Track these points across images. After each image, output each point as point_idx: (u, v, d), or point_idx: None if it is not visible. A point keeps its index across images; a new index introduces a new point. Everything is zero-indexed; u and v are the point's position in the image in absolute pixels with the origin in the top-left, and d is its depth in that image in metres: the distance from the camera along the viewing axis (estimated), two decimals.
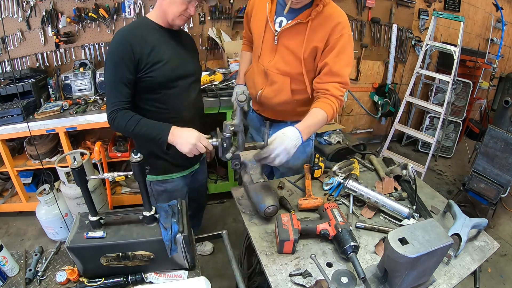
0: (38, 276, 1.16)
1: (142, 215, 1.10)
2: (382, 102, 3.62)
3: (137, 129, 1.33)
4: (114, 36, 1.36)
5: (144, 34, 1.35)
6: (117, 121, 1.34)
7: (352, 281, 1.07)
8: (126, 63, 1.30)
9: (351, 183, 1.41)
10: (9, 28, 2.46)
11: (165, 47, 1.40)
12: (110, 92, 1.35)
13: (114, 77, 1.33)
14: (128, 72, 1.32)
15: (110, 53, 1.34)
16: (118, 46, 1.31)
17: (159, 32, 1.41)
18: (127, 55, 1.30)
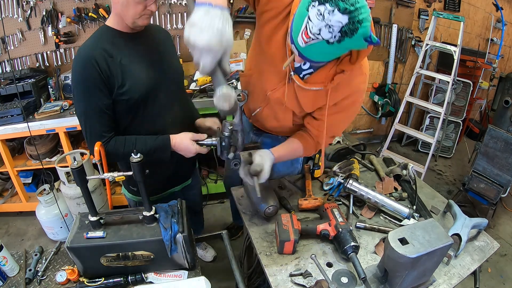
0: (38, 276, 1.16)
1: (142, 215, 1.10)
2: (382, 102, 3.62)
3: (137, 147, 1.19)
4: (75, 58, 1.17)
5: (107, 47, 1.16)
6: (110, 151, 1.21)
7: (352, 281, 1.07)
8: (98, 87, 1.14)
9: (352, 183, 1.41)
10: (9, 28, 2.46)
11: (134, 57, 1.22)
12: (89, 127, 1.19)
13: (89, 107, 1.16)
14: (104, 97, 1.16)
15: (76, 80, 1.16)
16: (83, 69, 1.14)
17: (123, 41, 1.21)
18: (97, 77, 1.13)
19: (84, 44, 1.20)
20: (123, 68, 1.18)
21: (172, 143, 1.29)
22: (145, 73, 1.24)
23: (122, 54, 1.19)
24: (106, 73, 1.14)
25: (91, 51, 1.14)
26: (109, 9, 2.50)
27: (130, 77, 1.19)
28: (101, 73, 1.13)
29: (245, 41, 2.85)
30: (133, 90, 1.20)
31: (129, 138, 1.25)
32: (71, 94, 2.48)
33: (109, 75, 1.15)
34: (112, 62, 1.16)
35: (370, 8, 1.48)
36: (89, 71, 1.12)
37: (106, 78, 1.15)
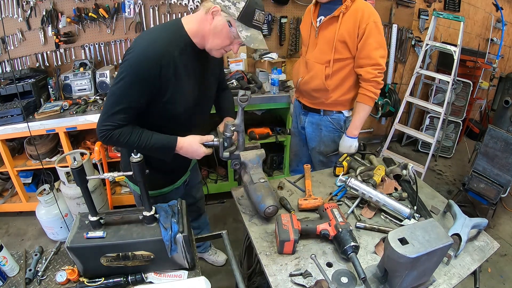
0: (38, 276, 1.16)
1: (142, 215, 1.10)
2: (382, 102, 3.62)
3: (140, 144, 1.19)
4: (142, 44, 1.13)
5: (177, 55, 1.16)
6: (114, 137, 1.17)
7: (352, 281, 1.07)
8: (144, 87, 1.13)
9: (353, 181, 1.41)
10: (9, 28, 2.46)
11: (190, 74, 1.24)
12: (112, 109, 1.14)
13: (124, 95, 1.13)
14: (143, 98, 1.15)
15: (133, 65, 1.11)
16: (145, 63, 1.10)
17: (191, 54, 1.22)
18: (151, 79, 1.12)
19: (161, 39, 1.16)
20: (179, 82, 1.19)
21: (179, 145, 1.28)
22: (192, 93, 1.27)
23: (184, 68, 1.19)
24: (162, 81, 1.14)
25: (163, 54, 1.12)
26: (109, 9, 2.50)
27: (180, 93, 1.21)
28: (159, 79, 1.13)
29: None
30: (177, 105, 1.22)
31: (136, 128, 1.21)
32: (71, 94, 2.49)
33: (163, 84, 1.15)
34: (174, 73, 1.16)
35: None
36: (150, 69, 1.11)
37: (158, 85, 1.14)
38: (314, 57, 1.76)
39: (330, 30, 1.66)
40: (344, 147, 1.82)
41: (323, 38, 1.70)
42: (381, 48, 1.63)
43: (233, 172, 2.81)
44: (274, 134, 2.82)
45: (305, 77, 1.82)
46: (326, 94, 1.78)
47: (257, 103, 2.55)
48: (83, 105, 2.34)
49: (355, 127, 1.77)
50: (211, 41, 1.18)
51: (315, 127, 1.93)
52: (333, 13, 1.62)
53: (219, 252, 2.34)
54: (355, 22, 1.59)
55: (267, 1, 2.83)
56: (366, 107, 1.72)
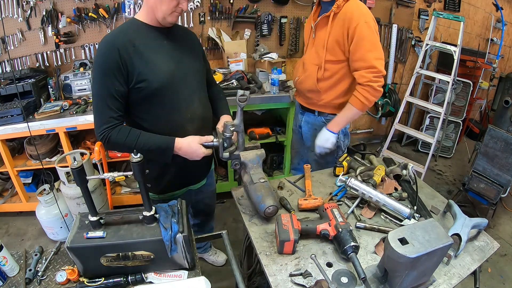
0: (38, 276, 1.16)
1: (142, 215, 1.10)
2: (382, 102, 3.62)
3: (138, 146, 1.21)
4: (100, 43, 1.23)
5: (132, 37, 1.22)
6: (113, 139, 1.21)
7: (352, 281, 1.07)
8: (114, 73, 1.18)
9: (353, 181, 1.41)
10: (9, 28, 2.46)
11: (157, 50, 1.28)
12: (99, 108, 1.21)
13: (102, 90, 1.19)
14: (118, 83, 1.19)
15: (96, 63, 1.21)
16: (104, 54, 1.19)
17: (149, 33, 1.28)
18: (115, 63, 1.17)
19: (111, 32, 1.27)
20: (144, 57, 1.22)
21: (177, 146, 1.28)
22: (166, 65, 1.28)
23: (145, 45, 1.24)
24: (126, 61, 1.18)
25: (115, 38, 1.20)
26: (109, 9, 2.50)
27: (150, 67, 1.23)
28: (121, 60, 1.17)
29: (245, 41, 2.85)
30: (150, 79, 1.23)
31: (134, 130, 1.25)
32: (71, 94, 2.49)
33: (128, 63, 1.19)
34: (134, 50, 1.20)
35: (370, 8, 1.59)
36: (110, 56, 1.17)
37: (125, 66, 1.18)
38: (310, 57, 1.76)
39: (323, 31, 1.64)
40: (320, 139, 1.75)
41: (318, 39, 1.69)
42: (376, 50, 1.53)
43: (233, 172, 2.81)
44: (274, 134, 2.82)
45: (301, 77, 1.82)
46: (318, 96, 1.77)
47: (257, 103, 2.56)
48: (83, 105, 2.34)
49: (337, 123, 1.71)
50: (160, 10, 1.22)
51: (310, 126, 1.93)
52: (326, 13, 1.60)
53: (219, 252, 2.33)
54: (344, 23, 1.53)
55: (267, 1, 2.83)
56: (353, 109, 1.64)
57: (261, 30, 2.90)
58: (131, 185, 2.70)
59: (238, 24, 2.86)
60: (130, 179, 2.65)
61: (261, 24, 2.88)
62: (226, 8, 2.75)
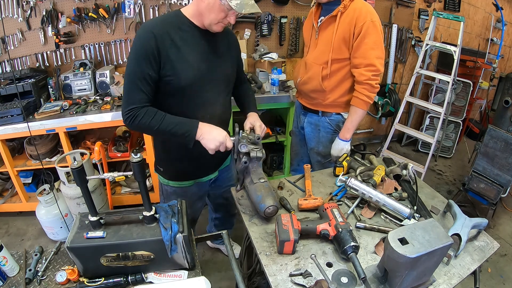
0: (38, 276, 1.16)
1: (142, 215, 1.10)
2: (382, 102, 3.62)
3: (162, 127, 1.25)
4: (140, 28, 1.29)
5: (172, 31, 1.25)
6: (139, 119, 1.23)
7: (352, 281, 1.07)
8: (149, 58, 1.21)
9: (353, 181, 1.41)
10: (9, 28, 2.46)
11: (193, 48, 1.30)
12: (129, 88, 1.24)
13: (135, 71, 1.23)
14: (151, 68, 1.22)
15: (133, 46, 1.24)
16: (142, 39, 1.22)
17: (190, 31, 1.30)
18: (150, 49, 1.20)
19: (152, 19, 1.34)
20: (179, 52, 1.26)
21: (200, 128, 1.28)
22: (197, 66, 1.31)
23: (183, 41, 1.27)
24: (160, 50, 1.22)
25: (156, 28, 1.23)
26: (109, 9, 2.50)
27: (181, 63, 1.27)
28: (156, 47, 1.21)
29: (245, 41, 2.85)
30: (179, 76, 1.27)
31: (160, 112, 1.27)
32: (71, 94, 2.49)
33: (162, 53, 1.22)
34: (171, 43, 1.24)
35: None
36: (146, 41, 1.21)
37: (158, 54, 1.22)
38: (313, 57, 1.76)
39: (329, 30, 1.66)
40: (335, 150, 1.79)
41: (322, 39, 1.70)
42: (378, 49, 1.58)
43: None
44: (274, 134, 2.82)
45: (304, 77, 1.82)
46: (324, 95, 1.78)
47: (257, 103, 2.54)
48: (83, 105, 2.34)
49: (347, 130, 1.75)
50: (207, 17, 1.25)
51: (314, 127, 1.93)
52: (332, 13, 1.62)
53: (236, 245, 2.32)
54: (351, 20, 1.56)
55: (267, 1, 2.83)
56: (359, 111, 1.69)
57: (261, 30, 2.90)
58: (131, 185, 2.70)
59: (238, 24, 2.86)
60: (130, 179, 2.65)
61: (261, 24, 2.88)
62: None
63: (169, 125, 1.26)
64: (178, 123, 1.28)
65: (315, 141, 1.95)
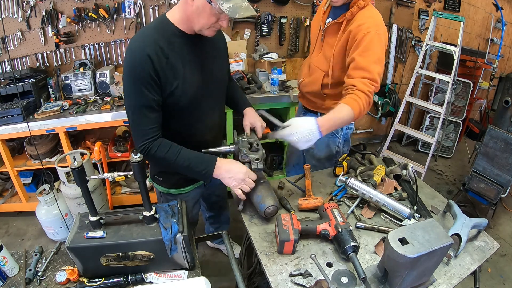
0: (38, 276, 1.16)
1: (142, 215, 1.10)
2: (382, 102, 3.62)
3: (178, 161, 1.21)
4: (130, 47, 1.14)
5: (164, 46, 1.14)
6: (153, 151, 1.19)
7: (352, 281, 1.07)
8: (150, 83, 1.12)
9: (353, 181, 1.41)
10: (9, 28, 2.46)
11: (188, 61, 1.22)
12: (136, 119, 1.18)
13: (138, 101, 1.14)
14: (154, 93, 1.15)
15: (128, 70, 1.14)
16: (135, 63, 1.11)
17: (182, 42, 1.20)
18: (148, 74, 1.11)
19: (141, 34, 1.17)
20: (176, 71, 1.17)
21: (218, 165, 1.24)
22: (196, 78, 1.24)
23: (178, 56, 1.18)
24: (159, 72, 1.13)
25: (147, 47, 1.11)
26: (109, 9, 2.50)
27: (181, 83, 1.19)
28: (154, 71, 1.12)
29: (245, 41, 2.85)
30: (182, 95, 1.21)
31: (175, 146, 1.22)
32: (71, 94, 2.49)
33: (161, 75, 1.14)
34: (167, 63, 1.15)
35: None
36: (142, 67, 1.10)
37: (158, 77, 1.13)
38: (317, 61, 1.69)
39: (333, 36, 1.56)
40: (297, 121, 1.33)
41: (327, 43, 1.61)
42: (380, 64, 1.41)
43: None
44: None
45: (306, 79, 1.78)
46: (322, 100, 1.74)
47: (257, 103, 2.55)
48: (83, 105, 2.34)
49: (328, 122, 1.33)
50: (197, 22, 1.14)
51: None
52: (337, 19, 1.50)
53: (236, 245, 2.35)
54: (355, 29, 1.42)
55: (267, 1, 2.83)
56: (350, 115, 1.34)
57: (261, 30, 2.90)
58: (131, 185, 2.70)
59: (238, 24, 2.86)
60: (130, 179, 2.65)
61: (261, 24, 2.88)
62: None
63: (185, 160, 1.22)
64: (195, 158, 1.24)
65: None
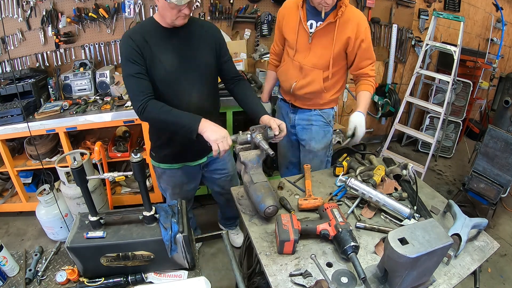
0: (38, 276, 1.16)
1: (142, 215, 1.10)
2: (382, 102, 3.62)
3: (169, 118, 1.41)
4: (122, 37, 1.48)
5: (145, 34, 1.44)
6: (148, 109, 1.40)
7: (352, 281, 1.07)
8: (136, 56, 1.41)
9: (353, 181, 1.41)
10: (9, 28, 2.46)
11: (164, 48, 1.47)
12: (128, 86, 1.45)
13: (129, 72, 1.42)
14: (138, 64, 1.42)
15: (120, 52, 1.48)
16: (124, 43, 1.44)
17: (160, 33, 1.47)
18: (133, 50, 1.41)
19: (132, 28, 1.57)
20: (152, 54, 1.44)
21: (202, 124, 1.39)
22: (170, 62, 1.48)
23: (155, 44, 1.45)
24: (140, 49, 1.42)
25: (132, 34, 1.45)
26: (109, 9, 2.51)
27: (155, 62, 1.45)
28: (136, 47, 1.41)
29: (245, 41, 2.85)
30: (154, 72, 1.46)
31: (167, 106, 1.42)
32: (71, 94, 2.50)
33: (142, 52, 1.42)
34: (145, 46, 1.43)
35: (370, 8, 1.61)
36: (126, 45, 1.42)
37: (139, 52, 1.42)
38: (310, 62, 1.73)
39: (327, 36, 1.66)
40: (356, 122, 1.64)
41: (319, 44, 1.69)
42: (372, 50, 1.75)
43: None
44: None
45: (300, 82, 1.78)
46: (322, 96, 1.81)
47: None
48: (83, 105, 2.34)
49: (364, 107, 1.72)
50: (166, 17, 1.41)
51: (306, 122, 1.92)
52: (329, 19, 1.61)
53: (241, 234, 2.41)
54: (354, 27, 1.62)
55: (267, 1, 2.83)
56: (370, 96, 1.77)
57: (261, 30, 2.90)
58: (131, 185, 2.70)
59: (238, 24, 2.86)
60: (130, 179, 2.65)
61: (261, 24, 2.88)
62: (226, 8, 2.74)
63: (175, 117, 1.41)
64: (183, 115, 1.42)
65: (307, 136, 1.94)
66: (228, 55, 1.67)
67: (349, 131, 1.65)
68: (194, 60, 1.54)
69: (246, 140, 1.42)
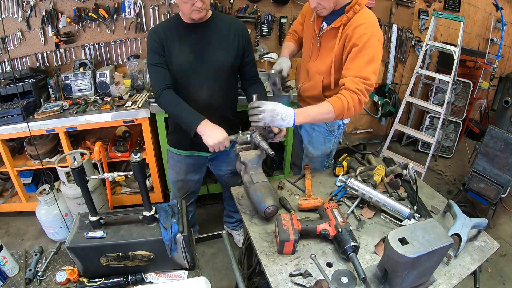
0: (38, 276, 1.16)
1: (142, 215, 1.10)
2: (382, 102, 3.62)
3: (175, 111, 1.55)
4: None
5: (167, 29, 1.57)
6: (161, 99, 1.55)
7: (352, 281, 1.07)
8: (158, 48, 1.55)
9: (353, 181, 1.41)
10: (9, 28, 2.46)
11: (182, 42, 1.57)
12: (151, 74, 1.61)
13: (151, 61, 1.56)
14: (159, 56, 1.55)
15: (146, 45, 1.61)
16: (149, 37, 1.58)
17: (181, 28, 1.58)
18: (155, 43, 1.55)
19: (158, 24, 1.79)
20: (170, 48, 1.57)
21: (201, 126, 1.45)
22: (186, 57, 1.58)
23: (174, 39, 1.57)
24: (162, 42, 1.55)
25: (156, 28, 1.61)
26: (109, 9, 2.51)
27: (172, 55, 1.57)
28: (159, 40, 1.55)
29: None
30: (171, 64, 1.58)
31: (179, 99, 1.54)
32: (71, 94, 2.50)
33: (163, 44, 1.56)
34: (166, 39, 1.56)
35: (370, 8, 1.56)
36: (152, 38, 1.57)
37: (161, 44, 1.55)
38: (315, 66, 1.69)
39: (330, 41, 1.57)
40: (279, 105, 1.35)
41: (324, 48, 1.62)
42: (374, 63, 1.42)
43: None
44: None
45: (305, 84, 1.78)
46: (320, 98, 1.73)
47: None
48: (83, 105, 2.34)
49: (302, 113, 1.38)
50: (183, 11, 1.52)
51: (309, 126, 1.91)
52: (333, 24, 1.52)
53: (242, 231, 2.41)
54: (350, 32, 1.46)
55: (267, 1, 2.83)
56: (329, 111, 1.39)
57: (261, 30, 2.90)
58: (131, 185, 2.70)
59: None
60: (130, 179, 2.65)
61: (261, 24, 2.88)
62: (226, 8, 2.74)
63: (181, 110, 1.52)
64: (189, 111, 1.51)
65: (307, 140, 1.93)
66: (251, 56, 1.73)
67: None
68: (208, 56, 1.59)
69: (246, 140, 1.42)
